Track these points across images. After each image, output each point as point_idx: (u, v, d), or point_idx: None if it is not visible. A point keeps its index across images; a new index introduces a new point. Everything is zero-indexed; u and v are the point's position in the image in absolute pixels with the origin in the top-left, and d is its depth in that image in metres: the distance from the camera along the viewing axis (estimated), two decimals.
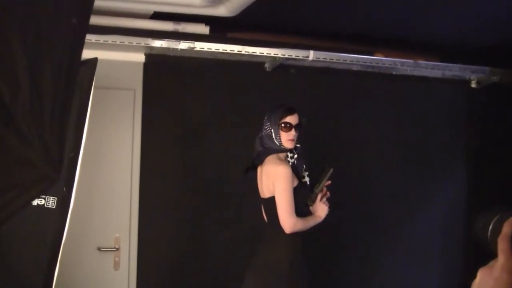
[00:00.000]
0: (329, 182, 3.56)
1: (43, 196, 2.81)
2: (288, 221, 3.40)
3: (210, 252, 4.65)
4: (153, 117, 4.53)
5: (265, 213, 3.64)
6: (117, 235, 4.45)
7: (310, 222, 3.43)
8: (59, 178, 2.00)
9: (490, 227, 1.14)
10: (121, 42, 4.16)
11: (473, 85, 5.36)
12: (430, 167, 5.31)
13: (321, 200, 3.44)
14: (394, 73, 5.07)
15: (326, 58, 4.64)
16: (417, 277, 5.25)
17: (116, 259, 4.44)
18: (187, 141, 4.62)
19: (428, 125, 5.30)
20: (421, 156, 5.28)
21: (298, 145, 3.63)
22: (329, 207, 3.22)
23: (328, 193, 3.51)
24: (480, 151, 5.45)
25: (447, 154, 5.40)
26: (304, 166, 3.61)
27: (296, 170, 3.53)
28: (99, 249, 4.41)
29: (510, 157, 5.44)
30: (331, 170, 3.40)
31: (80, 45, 1.58)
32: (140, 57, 4.49)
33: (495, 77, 5.21)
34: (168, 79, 4.58)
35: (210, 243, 4.66)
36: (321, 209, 3.42)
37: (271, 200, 3.51)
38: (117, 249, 4.44)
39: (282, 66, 4.73)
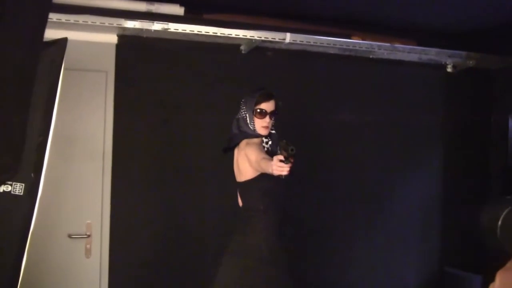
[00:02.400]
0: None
1: (10, 183, 2.67)
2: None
3: (185, 238, 4.56)
4: (126, 100, 4.41)
5: (241, 197, 3.58)
6: (88, 221, 4.33)
7: (267, 166, 3.17)
8: (19, 166, 1.87)
9: (500, 221, 1.03)
10: (92, 22, 4.02)
11: (449, 69, 5.34)
12: (407, 150, 5.29)
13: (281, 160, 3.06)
14: (371, 56, 5.02)
15: (303, 41, 4.56)
16: (395, 262, 5.24)
17: (88, 246, 4.32)
18: (162, 124, 4.51)
19: (405, 109, 5.27)
20: (398, 139, 5.25)
21: (273, 132, 3.58)
22: (283, 176, 3.01)
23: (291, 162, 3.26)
24: (456, 135, 5.46)
25: (424, 138, 5.39)
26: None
27: (271, 156, 3.43)
28: (69, 236, 4.28)
29: (485, 141, 5.44)
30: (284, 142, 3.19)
31: (42, 22, 1.46)
32: (113, 38, 4.36)
33: (471, 62, 5.18)
34: (142, 61, 4.46)
35: (185, 228, 4.57)
36: (276, 167, 3.01)
37: (247, 184, 3.47)
38: (89, 235, 4.32)
39: (258, 48, 4.64)
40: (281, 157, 2.93)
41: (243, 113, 3.50)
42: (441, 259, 5.37)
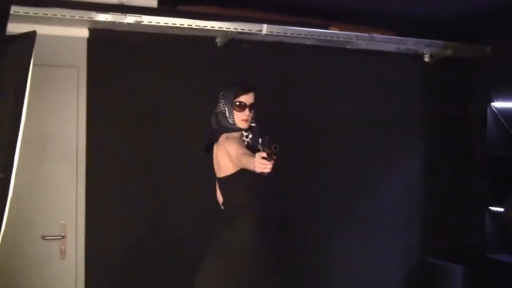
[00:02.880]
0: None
1: None
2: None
3: (163, 238, 4.48)
4: (99, 96, 4.30)
5: (221, 193, 3.52)
6: (62, 222, 4.21)
7: (249, 163, 3.11)
8: None
9: None
10: (62, 15, 3.91)
11: (426, 59, 5.32)
12: (387, 141, 5.27)
13: (264, 158, 2.98)
14: (349, 47, 4.97)
15: (279, 32, 4.51)
16: (378, 253, 5.22)
17: (62, 247, 4.20)
18: (136, 120, 4.42)
19: (384, 99, 5.24)
20: (378, 130, 5.22)
21: (254, 125, 3.51)
22: (265, 173, 2.95)
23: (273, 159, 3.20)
24: (436, 125, 5.44)
25: (404, 128, 5.36)
26: (260, 145, 3.46)
27: (252, 150, 3.37)
28: (43, 237, 4.16)
29: (464, 130, 5.44)
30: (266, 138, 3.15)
31: (4, 14, 1.34)
32: (84, 32, 4.25)
33: (448, 51, 5.16)
34: (115, 56, 4.35)
35: (163, 228, 4.49)
36: (259, 164, 2.94)
37: (227, 180, 3.42)
38: (63, 237, 4.20)
39: (234, 40, 4.57)
40: (264, 154, 2.86)
41: (221, 106, 3.43)
42: (424, 250, 5.36)
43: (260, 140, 3.42)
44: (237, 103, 3.37)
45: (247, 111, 3.38)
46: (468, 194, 5.43)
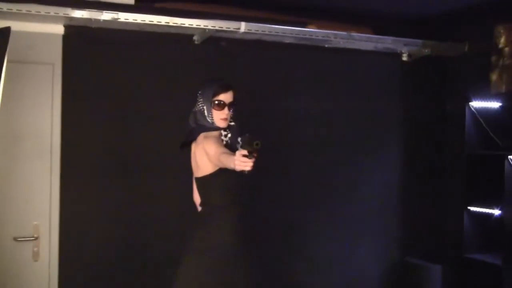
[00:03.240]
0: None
1: None
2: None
3: (140, 238, 4.43)
4: (74, 94, 4.23)
5: (199, 193, 3.49)
6: (35, 222, 4.13)
7: (228, 161, 3.09)
8: None
9: None
10: (37, 12, 3.84)
11: (405, 58, 5.34)
12: (365, 140, 5.27)
13: (244, 155, 2.96)
14: (326, 45, 4.97)
15: (258, 30, 4.48)
16: (356, 253, 5.22)
17: (35, 249, 4.12)
18: (113, 119, 4.37)
19: (362, 98, 5.24)
20: (356, 129, 5.23)
21: (233, 124, 3.49)
22: (246, 171, 2.94)
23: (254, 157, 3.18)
24: (414, 124, 5.46)
25: (382, 128, 5.37)
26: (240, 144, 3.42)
27: (231, 150, 3.34)
28: (15, 239, 4.07)
29: (442, 130, 5.46)
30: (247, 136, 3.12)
31: None
32: (59, 29, 4.18)
33: (426, 50, 5.18)
34: (90, 53, 4.29)
35: (140, 228, 4.44)
36: (239, 162, 2.93)
37: (206, 179, 3.39)
38: (36, 238, 4.13)
39: (212, 38, 4.55)
40: (244, 152, 2.83)
41: (200, 105, 3.40)
42: (402, 250, 5.37)
43: (239, 138, 3.40)
44: (216, 102, 3.35)
45: (226, 110, 3.36)
46: (446, 193, 5.46)
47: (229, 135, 3.44)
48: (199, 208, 3.51)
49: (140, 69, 4.45)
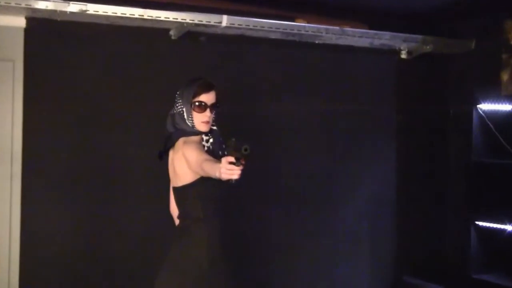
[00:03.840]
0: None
1: None
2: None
3: (109, 252, 4.45)
4: (37, 93, 4.25)
5: (177, 204, 3.49)
6: None
7: (212, 169, 3.07)
8: None
9: None
10: None
11: (403, 55, 5.40)
12: (357, 145, 5.35)
13: (231, 163, 2.96)
14: (317, 42, 5.01)
15: (241, 25, 4.51)
16: (345, 270, 5.27)
17: None
18: (80, 122, 4.38)
19: (355, 98, 5.31)
20: (347, 133, 5.30)
21: (215, 128, 3.49)
22: (234, 180, 2.96)
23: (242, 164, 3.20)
24: (412, 127, 5.54)
25: (376, 131, 5.45)
26: (222, 149, 3.45)
27: (213, 156, 3.36)
28: None
29: (444, 134, 5.51)
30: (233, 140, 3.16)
31: None
32: (20, 22, 4.19)
33: (427, 47, 5.23)
34: (56, 48, 4.30)
35: (109, 241, 4.46)
36: (225, 170, 2.93)
37: (185, 189, 3.38)
38: None
39: (190, 33, 4.57)
40: (231, 159, 2.84)
41: (179, 107, 3.40)
42: (398, 267, 5.41)
43: (223, 145, 3.41)
44: (197, 103, 3.34)
45: (208, 112, 3.36)
46: (449, 206, 5.51)
47: (211, 140, 3.44)
48: (177, 221, 3.51)
49: (110, 68, 4.47)
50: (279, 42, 4.90)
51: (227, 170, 2.85)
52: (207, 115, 3.36)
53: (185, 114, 3.37)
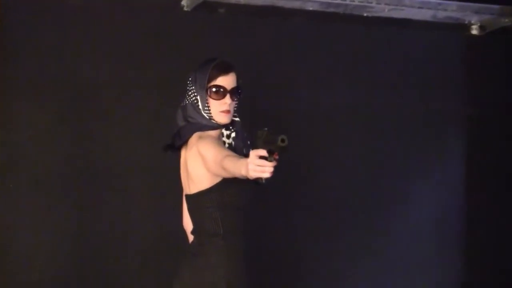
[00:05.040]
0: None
1: None
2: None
3: (100, 275, 4.49)
4: (10, 80, 4.30)
5: (192, 217, 3.49)
6: None
7: (236, 167, 3.07)
8: None
9: None
10: None
11: (475, 31, 5.35)
12: (415, 145, 5.33)
13: (262, 157, 2.91)
14: (365, 14, 5.00)
15: None
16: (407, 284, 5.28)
17: None
18: (67, 113, 4.42)
19: (413, 86, 5.31)
20: (403, 129, 5.31)
21: (237, 119, 3.49)
22: (264, 179, 2.91)
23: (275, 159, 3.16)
24: (484, 124, 5.48)
25: (440, 128, 5.43)
26: (247, 145, 3.46)
27: (234, 151, 3.36)
28: None
29: None
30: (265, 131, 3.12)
31: None
32: None
33: (505, 20, 5.18)
34: (34, 24, 4.34)
35: (101, 262, 4.49)
36: (254, 166, 2.88)
37: (201, 197, 3.36)
38: None
39: (206, 3, 4.57)
40: (263, 152, 2.79)
41: (192, 96, 3.39)
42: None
43: (248, 141, 3.40)
44: (214, 89, 3.34)
45: (227, 99, 3.35)
46: None
47: (233, 134, 3.44)
48: (190, 237, 3.52)
49: (106, 47, 4.50)
50: (318, 14, 4.89)
51: (257, 166, 2.78)
52: (226, 102, 3.35)
53: (199, 103, 3.38)
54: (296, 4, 4.74)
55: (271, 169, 2.77)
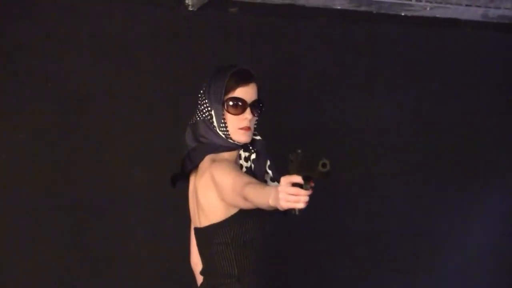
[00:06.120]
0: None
1: None
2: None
3: None
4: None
5: (201, 253, 3.50)
6: None
7: (261, 196, 2.99)
8: None
9: None
10: None
11: None
12: (466, 159, 5.38)
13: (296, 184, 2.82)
14: (403, 13, 5.06)
15: None
16: None
17: None
18: (54, 126, 4.47)
19: (461, 95, 5.35)
20: (451, 142, 5.33)
21: (258, 137, 3.48)
22: (297, 211, 2.88)
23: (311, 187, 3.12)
24: None
25: (495, 143, 5.49)
26: (274, 169, 3.47)
27: (254, 177, 3.33)
28: None
29: None
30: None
31: None
32: None
33: None
34: (20, 21, 4.40)
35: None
36: (286, 196, 2.78)
37: (212, 232, 3.35)
38: None
39: (214, 2, 4.65)
40: (297, 179, 2.73)
41: (204, 111, 3.39)
42: None
43: (270, 162, 3.43)
44: (231, 102, 3.33)
45: (248, 113, 3.33)
46: None
47: (253, 156, 3.43)
48: (199, 278, 3.54)
49: (99, 48, 4.55)
50: (348, 13, 4.97)
51: (290, 195, 2.70)
52: (247, 117, 3.33)
53: (214, 119, 3.36)
54: (321, 2, 4.79)
55: (306, 199, 2.69)
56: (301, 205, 2.69)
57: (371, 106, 5.12)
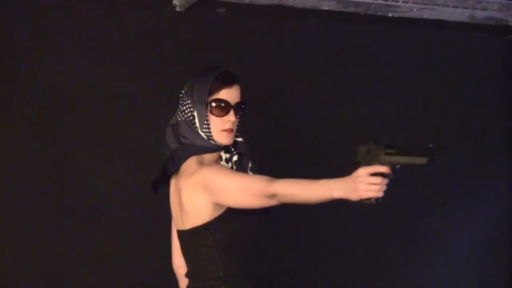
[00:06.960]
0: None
1: None
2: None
3: None
4: None
5: (185, 255, 3.48)
6: None
7: (318, 189, 3.02)
8: None
9: None
10: None
11: None
12: (452, 165, 5.32)
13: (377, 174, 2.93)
14: (391, 15, 5.05)
15: None
16: None
17: None
18: (40, 127, 4.46)
19: (448, 99, 5.36)
20: (441, 147, 5.25)
21: (240, 139, 3.47)
22: (375, 200, 2.88)
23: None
24: None
25: (479, 144, 5.50)
26: (249, 166, 3.46)
27: None
28: None
29: None
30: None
31: None
32: None
33: None
34: (7, 27, 4.39)
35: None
36: (366, 186, 2.90)
37: (196, 234, 3.32)
38: None
39: (202, 2, 4.60)
40: (381, 169, 2.86)
41: (187, 111, 3.37)
42: None
43: (251, 164, 3.42)
44: (214, 104, 3.32)
45: (231, 115, 3.32)
46: None
47: (235, 158, 3.43)
48: (183, 282, 3.54)
49: (90, 49, 4.54)
50: (335, 14, 4.94)
51: (370, 185, 2.83)
52: (230, 119, 3.32)
53: (196, 120, 3.35)
54: (308, 3, 4.77)
55: (384, 187, 2.86)
56: (380, 194, 2.84)
57: (359, 106, 5.12)
